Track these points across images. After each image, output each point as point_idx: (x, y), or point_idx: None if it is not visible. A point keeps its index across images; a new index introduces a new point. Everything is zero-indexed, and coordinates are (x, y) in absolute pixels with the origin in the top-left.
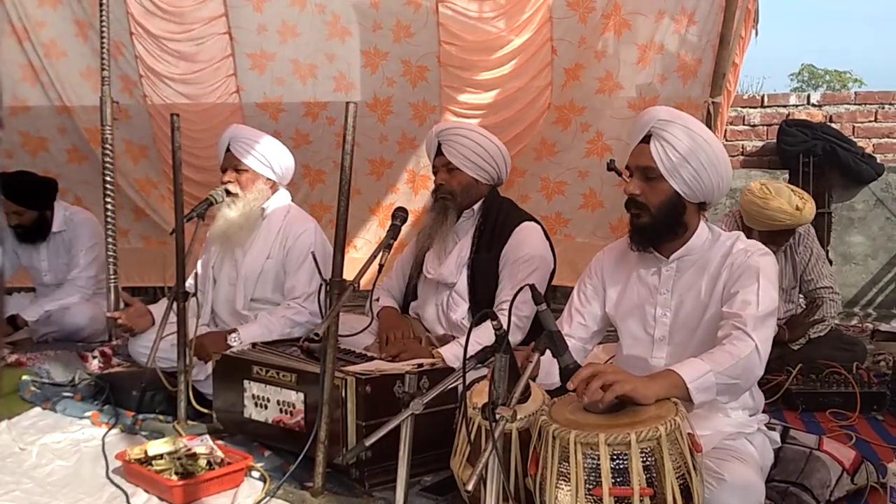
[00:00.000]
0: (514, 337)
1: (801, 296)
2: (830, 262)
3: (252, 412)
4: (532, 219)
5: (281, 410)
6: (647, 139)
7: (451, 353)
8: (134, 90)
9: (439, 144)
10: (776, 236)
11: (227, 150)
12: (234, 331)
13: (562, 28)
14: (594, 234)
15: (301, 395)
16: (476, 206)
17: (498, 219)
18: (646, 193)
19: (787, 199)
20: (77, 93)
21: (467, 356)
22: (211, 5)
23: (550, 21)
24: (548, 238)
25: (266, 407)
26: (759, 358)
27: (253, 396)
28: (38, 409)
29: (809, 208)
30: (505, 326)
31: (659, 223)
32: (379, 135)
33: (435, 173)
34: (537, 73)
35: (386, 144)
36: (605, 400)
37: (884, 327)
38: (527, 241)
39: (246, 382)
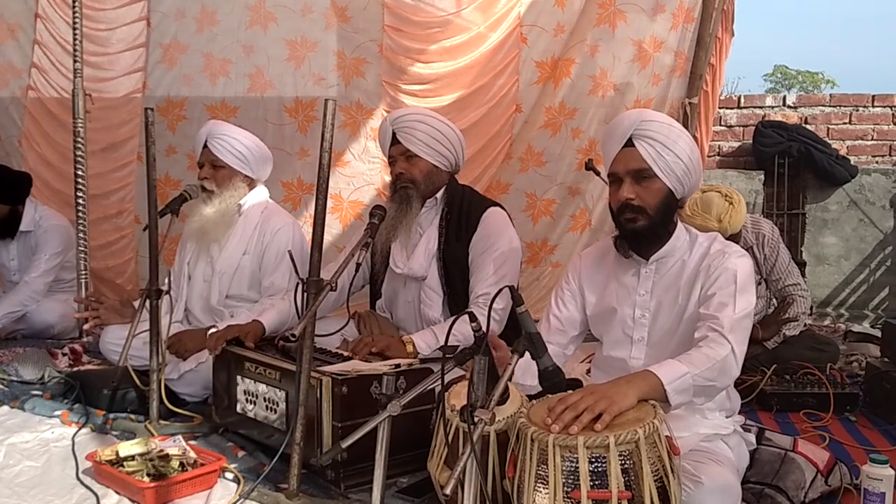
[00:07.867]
0: (493, 330)
1: (768, 292)
2: (804, 263)
3: (244, 407)
4: (496, 203)
5: (267, 408)
6: (629, 143)
7: (423, 342)
8: (12, 82)
9: (394, 133)
10: None
11: (205, 145)
12: (213, 327)
13: (534, 13)
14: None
15: (283, 394)
16: (439, 195)
17: (463, 206)
18: (641, 196)
19: (714, 214)
20: None
21: (444, 348)
22: None
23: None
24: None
25: (255, 403)
26: (735, 360)
27: (244, 392)
28: (5, 408)
29: (735, 218)
30: (484, 328)
31: (656, 224)
32: (299, 148)
33: (391, 164)
34: (503, 67)
35: (307, 161)
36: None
37: (856, 328)
38: (495, 230)
39: (239, 378)
